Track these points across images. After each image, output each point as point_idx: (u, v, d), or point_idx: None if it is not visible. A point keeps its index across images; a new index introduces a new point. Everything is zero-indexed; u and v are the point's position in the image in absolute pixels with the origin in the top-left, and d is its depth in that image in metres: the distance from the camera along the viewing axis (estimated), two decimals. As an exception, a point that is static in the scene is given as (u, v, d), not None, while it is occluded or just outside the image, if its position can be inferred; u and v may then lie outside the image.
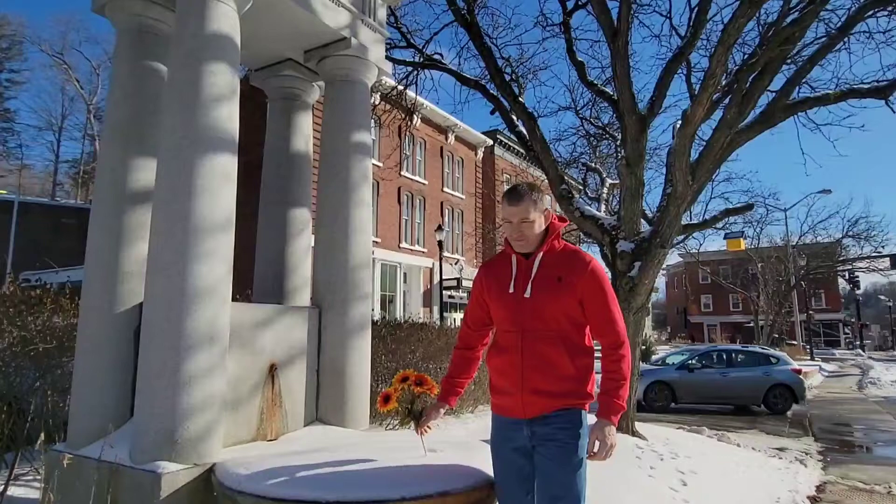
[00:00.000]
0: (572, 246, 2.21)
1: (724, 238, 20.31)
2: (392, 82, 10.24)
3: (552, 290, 2.05)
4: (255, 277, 4.35)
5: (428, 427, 2.43)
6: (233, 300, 3.26)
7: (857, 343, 46.17)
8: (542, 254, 2.11)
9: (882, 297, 70.16)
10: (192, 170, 2.91)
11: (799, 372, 12.84)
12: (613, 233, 7.54)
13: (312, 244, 4.34)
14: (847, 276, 33.14)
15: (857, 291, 39.61)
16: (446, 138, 26.62)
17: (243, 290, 4.99)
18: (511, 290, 2.10)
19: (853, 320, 48.21)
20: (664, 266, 7.54)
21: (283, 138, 4.50)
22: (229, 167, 3.08)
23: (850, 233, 23.28)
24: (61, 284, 4.37)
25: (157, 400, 2.73)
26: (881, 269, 25.67)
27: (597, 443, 2.00)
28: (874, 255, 23.96)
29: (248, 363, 3.32)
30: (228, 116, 3.10)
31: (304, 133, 4.58)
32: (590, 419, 2.13)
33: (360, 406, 3.82)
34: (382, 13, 4.49)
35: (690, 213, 12.04)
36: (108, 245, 3.22)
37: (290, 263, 4.31)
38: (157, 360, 2.76)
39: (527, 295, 2.07)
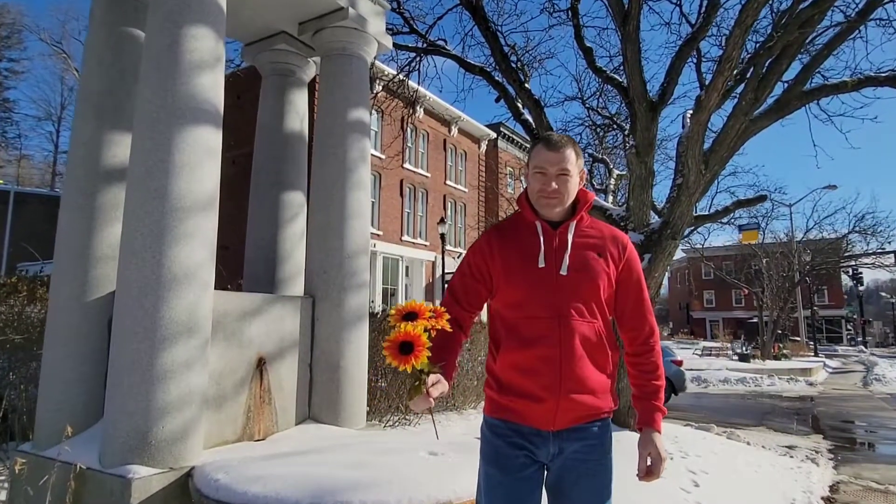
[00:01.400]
0: (600, 221, 1.81)
1: (740, 230, 20.00)
2: (392, 71, 9.97)
3: (592, 269, 1.66)
4: (245, 264, 4.08)
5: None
6: (226, 290, 2.99)
7: (860, 339, 45.96)
8: (574, 223, 1.71)
9: (883, 294, 69.99)
10: (171, 143, 2.64)
11: (680, 364, 12.56)
12: (622, 224, 7.28)
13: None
14: (851, 273, 32.87)
15: (860, 288, 39.37)
16: (449, 130, 26.31)
17: (238, 280, 4.74)
18: (542, 265, 1.65)
19: (855, 317, 47.98)
20: (668, 260, 7.31)
21: (276, 117, 4.21)
22: (212, 141, 2.80)
23: (857, 228, 22.95)
24: (35, 273, 4.09)
25: (129, 397, 2.46)
26: (886, 266, 25.35)
27: (649, 459, 1.64)
28: (879, 251, 23.65)
29: (233, 356, 3.05)
30: (212, 85, 2.83)
31: (299, 112, 4.30)
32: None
33: (356, 403, 3.55)
34: (382, -17, 4.20)
35: (696, 206, 11.77)
36: (80, 227, 2.95)
37: (282, 250, 4.04)
38: (129, 353, 2.49)
39: (563, 272, 1.64)
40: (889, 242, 23.19)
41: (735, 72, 7.08)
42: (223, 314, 2.98)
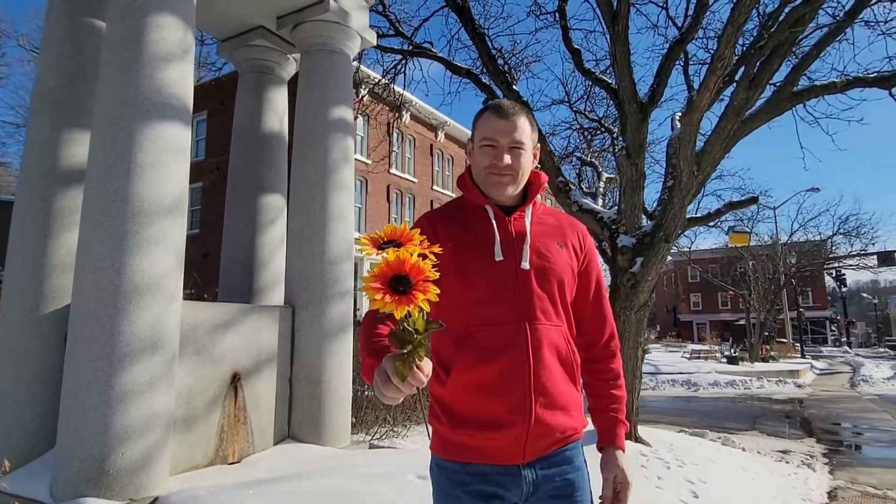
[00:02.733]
0: (549, 207, 1.52)
1: (728, 232, 19.99)
2: (378, 75, 9.80)
3: (557, 262, 1.38)
4: (221, 272, 3.83)
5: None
6: (202, 300, 2.75)
7: (844, 340, 46.50)
8: (530, 207, 1.42)
9: (865, 295, 71.21)
10: (133, 141, 2.41)
11: None
12: (613, 227, 7.13)
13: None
14: (834, 274, 33.23)
15: (844, 289, 39.81)
16: (436, 136, 26.18)
17: (215, 289, 4.50)
18: (500, 258, 1.34)
19: (839, 318, 48.57)
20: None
21: (253, 116, 3.98)
22: (180, 138, 2.57)
23: (841, 230, 23.21)
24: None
25: (84, 421, 2.21)
26: (870, 267, 25.68)
27: (615, 484, 1.37)
28: (862, 252, 23.90)
29: (204, 373, 2.81)
30: (180, 79, 2.60)
31: (278, 111, 4.07)
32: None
33: (339, 419, 3.32)
34: (365, -24, 4.00)
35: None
36: (35, 233, 2.70)
37: (260, 256, 3.80)
38: (84, 372, 2.25)
39: (524, 266, 1.34)
40: (873, 244, 23.48)
41: (726, 71, 7.01)
42: (193, 327, 2.74)
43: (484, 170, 1.37)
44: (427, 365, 0.98)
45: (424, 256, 0.93)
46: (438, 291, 0.92)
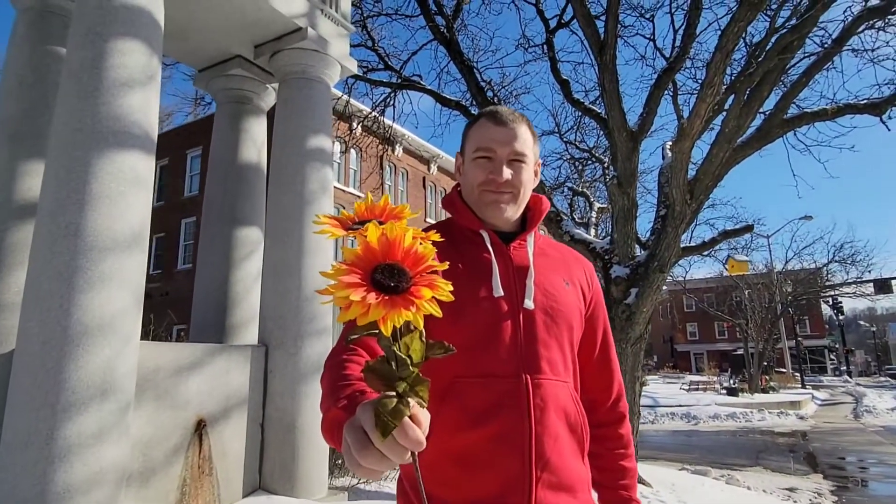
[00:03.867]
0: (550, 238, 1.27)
1: (731, 259, 19.80)
2: (367, 108, 9.83)
3: (564, 301, 1.13)
4: (193, 310, 3.63)
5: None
6: (178, 340, 2.54)
7: (844, 369, 46.14)
8: (532, 236, 1.18)
9: (862, 323, 71.17)
10: (88, 171, 2.25)
11: None
12: (607, 257, 7.00)
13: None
14: (831, 302, 33.14)
15: (841, 317, 39.67)
16: (429, 168, 26.36)
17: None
18: (499, 293, 1.09)
19: (838, 346, 48.29)
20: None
21: (230, 147, 3.85)
22: (140, 168, 2.42)
23: (836, 258, 23.24)
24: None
25: (23, 479, 1.99)
26: (867, 295, 25.63)
27: None
28: (858, 280, 23.86)
29: (165, 420, 2.59)
30: (143, 106, 2.46)
31: (256, 141, 3.94)
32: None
33: (315, 467, 3.08)
34: (346, 5, 3.93)
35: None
36: (-16, 270, 2.53)
37: (234, 293, 3.60)
38: (24, 425, 2.03)
39: (528, 304, 1.09)
40: (868, 271, 23.49)
41: (716, 99, 7.01)
42: (153, 370, 2.54)
43: (478, 186, 1.12)
44: (425, 416, 0.64)
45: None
46: (451, 289, 0.59)
